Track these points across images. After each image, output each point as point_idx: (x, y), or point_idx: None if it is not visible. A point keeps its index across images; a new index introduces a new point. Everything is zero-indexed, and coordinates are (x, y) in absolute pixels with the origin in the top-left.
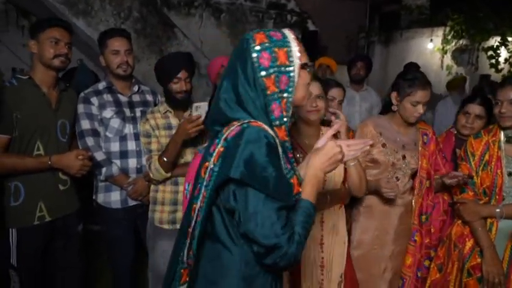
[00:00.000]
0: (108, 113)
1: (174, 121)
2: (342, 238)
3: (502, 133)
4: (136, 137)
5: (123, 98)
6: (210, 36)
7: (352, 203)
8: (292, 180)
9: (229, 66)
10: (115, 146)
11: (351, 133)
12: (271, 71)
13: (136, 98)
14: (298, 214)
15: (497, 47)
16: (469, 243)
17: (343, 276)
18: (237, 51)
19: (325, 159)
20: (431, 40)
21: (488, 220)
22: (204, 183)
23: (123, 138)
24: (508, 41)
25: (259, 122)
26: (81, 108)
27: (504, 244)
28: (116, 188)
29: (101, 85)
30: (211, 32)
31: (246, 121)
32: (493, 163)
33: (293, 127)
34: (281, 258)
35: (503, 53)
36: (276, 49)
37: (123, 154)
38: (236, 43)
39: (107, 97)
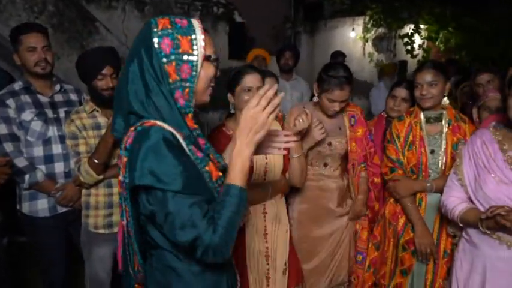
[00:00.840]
0: (27, 115)
1: (102, 120)
2: (284, 227)
3: (422, 114)
4: (62, 139)
5: (43, 99)
6: (134, 29)
7: None
8: (207, 168)
9: (133, 51)
10: (38, 151)
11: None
12: (173, 57)
13: (58, 97)
14: (223, 203)
15: (412, 34)
16: (402, 220)
17: (287, 263)
18: (140, 35)
19: (247, 129)
20: (353, 29)
21: (418, 196)
22: (123, 198)
23: (47, 142)
24: (421, 29)
25: (154, 121)
26: None
27: (433, 217)
28: (43, 196)
29: (17, 85)
30: (136, 25)
31: (138, 124)
32: (417, 143)
33: (232, 118)
34: (206, 250)
35: (417, 40)
36: (179, 36)
37: (48, 158)
38: None
39: (25, 98)
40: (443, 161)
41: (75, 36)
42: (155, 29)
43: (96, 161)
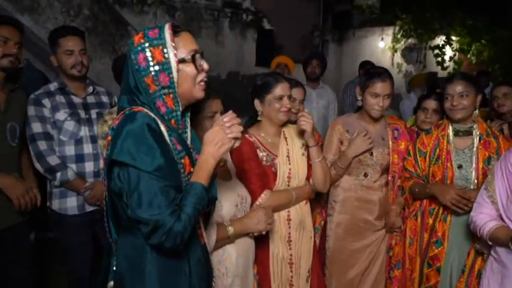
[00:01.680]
0: (61, 115)
1: None
2: (308, 233)
3: (451, 127)
4: (93, 139)
5: (77, 100)
6: None
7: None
8: (183, 161)
9: (126, 64)
10: (70, 150)
11: (316, 134)
12: (150, 70)
13: (91, 99)
14: (189, 195)
15: (443, 46)
16: (426, 235)
17: (310, 271)
18: (128, 51)
19: (212, 145)
20: (382, 39)
21: (441, 213)
22: (104, 174)
23: (78, 142)
24: (453, 40)
25: (141, 107)
26: (31, 110)
27: (461, 234)
28: (72, 194)
29: (53, 86)
30: None
31: (128, 108)
32: (443, 157)
33: (256, 125)
34: (166, 236)
35: (448, 52)
36: (152, 48)
37: (79, 158)
38: None
39: (60, 98)
40: (475, 176)
41: (108, 40)
42: (132, 47)
43: None
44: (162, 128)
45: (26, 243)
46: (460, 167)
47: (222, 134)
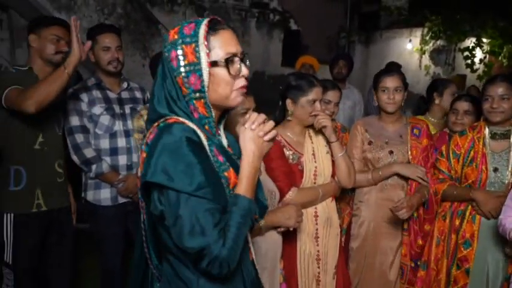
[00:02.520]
0: (97, 109)
1: None
2: (335, 230)
3: (487, 129)
4: (127, 133)
5: (112, 95)
6: None
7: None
8: (226, 174)
9: (161, 62)
10: (105, 143)
11: (346, 134)
12: (180, 70)
13: (125, 94)
14: (234, 214)
15: (473, 48)
16: (454, 237)
17: (336, 267)
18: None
19: (248, 153)
20: (410, 40)
21: (468, 213)
22: (140, 194)
23: (113, 135)
24: (483, 43)
25: (176, 117)
26: (70, 104)
27: (489, 236)
28: (106, 186)
29: (90, 81)
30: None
31: (162, 120)
32: (478, 159)
33: (282, 124)
34: (213, 262)
35: (478, 54)
36: (184, 46)
37: (113, 151)
38: None
39: (96, 93)
40: (510, 180)
41: (139, 38)
42: (166, 43)
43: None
44: (203, 138)
45: (70, 227)
46: (495, 170)
47: (255, 138)
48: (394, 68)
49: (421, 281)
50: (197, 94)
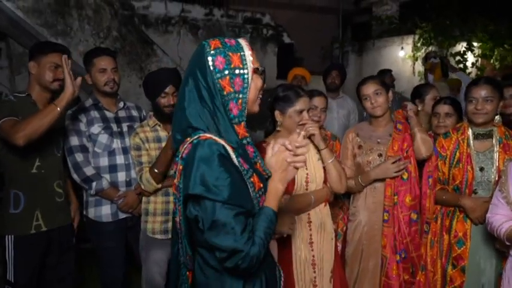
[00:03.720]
0: (95, 129)
1: (163, 134)
2: (329, 235)
3: (471, 130)
4: (125, 151)
5: (109, 114)
6: (188, 52)
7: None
8: (252, 179)
9: (189, 72)
10: (104, 161)
11: (336, 142)
12: (226, 72)
13: (122, 113)
14: (260, 220)
15: (464, 52)
16: (446, 237)
17: (333, 271)
18: (195, 57)
19: (279, 173)
20: (402, 48)
21: (458, 211)
22: (177, 199)
23: (111, 153)
24: (474, 46)
25: (209, 135)
26: (69, 125)
27: (480, 234)
28: (106, 202)
29: (88, 102)
30: (190, 48)
31: (195, 137)
32: (463, 159)
33: (274, 134)
34: (242, 260)
35: (470, 58)
36: (230, 53)
37: (112, 168)
38: None
39: (94, 114)
40: (495, 179)
41: (135, 59)
42: (208, 49)
43: (156, 170)
44: (230, 151)
45: (71, 244)
46: (481, 169)
47: (285, 163)
48: (371, 77)
49: (421, 284)
50: (238, 94)
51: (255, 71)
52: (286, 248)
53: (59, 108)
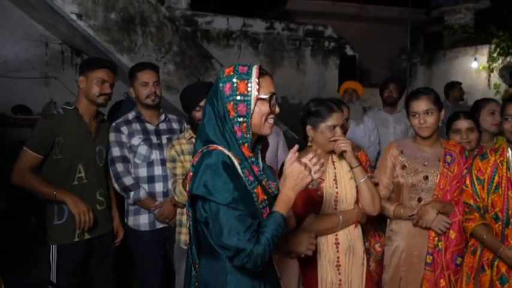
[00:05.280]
0: (136, 140)
1: None
2: (359, 259)
3: (510, 151)
4: (163, 162)
5: (150, 127)
6: None
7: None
8: (256, 190)
9: (211, 93)
10: (143, 172)
11: (360, 152)
12: (231, 98)
13: (163, 126)
14: (268, 222)
15: None
16: (488, 271)
17: None
18: (215, 81)
19: (292, 181)
20: (475, 59)
21: None
22: (188, 205)
23: (150, 164)
24: None
25: (217, 146)
26: (112, 136)
27: None
28: (145, 211)
29: (131, 115)
30: (249, 61)
31: (205, 147)
32: (503, 184)
33: (305, 150)
34: (248, 259)
35: None
36: (238, 81)
37: (150, 179)
38: (274, 71)
39: (136, 126)
40: None
41: (194, 72)
42: (222, 76)
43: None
44: (235, 162)
45: (111, 251)
46: None
47: (301, 170)
48: (424, 91)
49: None
50: (241, 119)
51: (260, 98)
52: (311, 269)
53: (56, 195)
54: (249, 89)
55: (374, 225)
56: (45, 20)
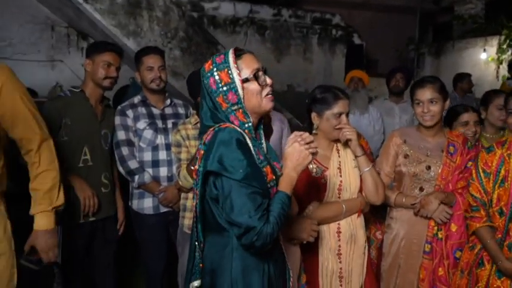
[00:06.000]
0: (141, 124)
1: None
2: (360, 248)
3: None
4: (168, 147)
5: (156, 111)
6: (255, 52)
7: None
8: (265, 169)
9: (201, 91)
10: (147, 156)
11: (361, 140)
12: (219, 91)
13: (168, 110)
14: (274, 201)
15: None
16: (488, 266)
17: (363, 286)
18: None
19: (294, 161)
20: (484, 50)
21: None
22: (195, 183)
23: (155, 148)
24: None
25: (229, 124)
26: (118, 120)
27: None
28: (149, 195)
29: (136, 99)
30: (256, 48)
31: (217, 125)
32: (509, 178)
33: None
34: (257, 237)
35: None
36: (218, 72)
37: (155, 163)
38: (280, 58)
39: (141, 110)
40: None
41: (200, 58)
42: (203, 73)
43: (192, 167)
44: (248, 140)
45: (114, 235)
46: None
47: (301, 149)
48: (430, 79)
49: None
50: (235, 106)
51: (244, 81)
52: (312, 257)
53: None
54: (231, 76)
55: (374, 212)
56: (52, 3)
